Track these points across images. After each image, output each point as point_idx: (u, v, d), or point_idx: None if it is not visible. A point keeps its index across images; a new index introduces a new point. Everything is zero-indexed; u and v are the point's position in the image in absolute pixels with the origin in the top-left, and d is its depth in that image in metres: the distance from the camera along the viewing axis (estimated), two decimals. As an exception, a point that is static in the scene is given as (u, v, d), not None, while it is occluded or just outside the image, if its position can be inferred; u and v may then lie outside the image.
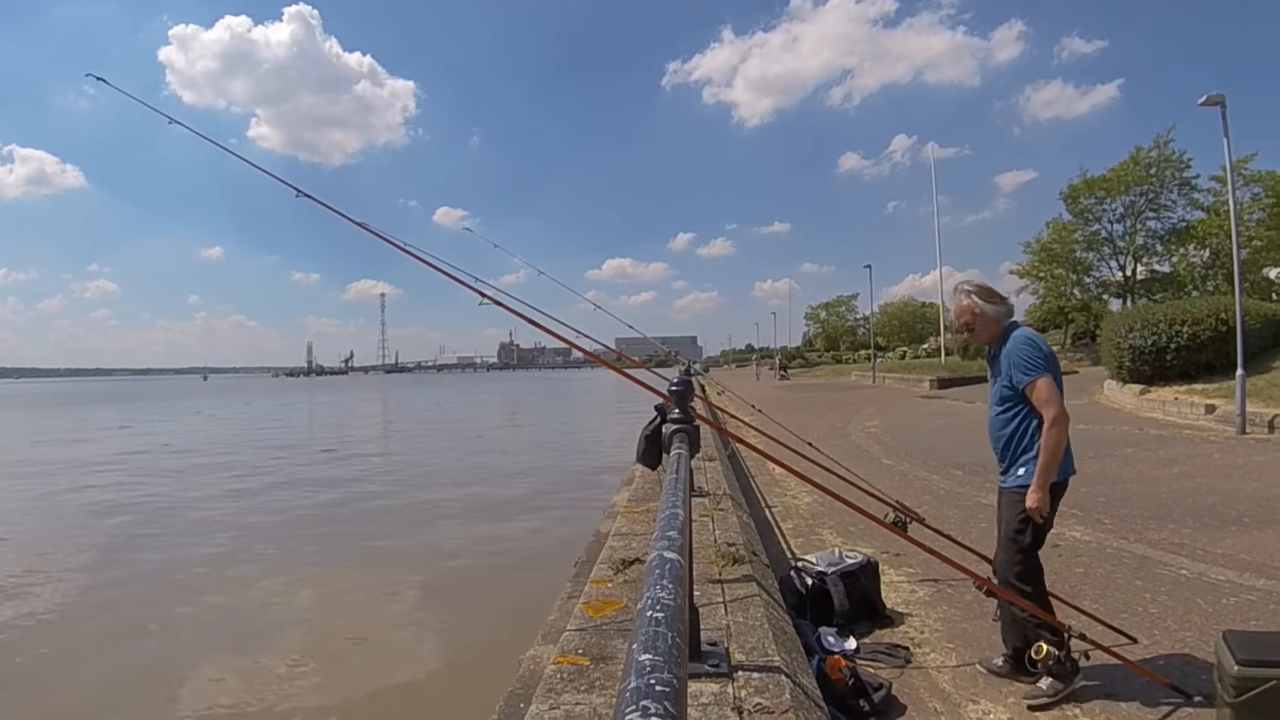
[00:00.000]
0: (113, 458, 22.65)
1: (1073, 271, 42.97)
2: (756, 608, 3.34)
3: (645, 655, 0.85)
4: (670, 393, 3.61)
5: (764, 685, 2.49)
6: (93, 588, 9.13)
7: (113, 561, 10.38)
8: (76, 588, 9.11)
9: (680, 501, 1.90)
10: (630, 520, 5.28)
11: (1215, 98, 13.81)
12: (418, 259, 4.82)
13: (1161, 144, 38.27)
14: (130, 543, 11.43)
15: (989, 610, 4.08)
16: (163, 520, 13.00)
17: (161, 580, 9.43)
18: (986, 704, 3.63)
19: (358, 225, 4.85)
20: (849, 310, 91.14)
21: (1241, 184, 31.68)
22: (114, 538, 11.76)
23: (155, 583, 9.34)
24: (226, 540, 11.45)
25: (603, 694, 2.43)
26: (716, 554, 4.26)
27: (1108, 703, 3.52)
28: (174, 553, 10.74)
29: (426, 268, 4.80)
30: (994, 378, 3.82)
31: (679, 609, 1.06)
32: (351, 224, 4.83)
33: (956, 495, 8.90)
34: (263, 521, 12.81)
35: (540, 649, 3.60)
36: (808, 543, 6.89)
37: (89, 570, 9.93)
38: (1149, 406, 16.87)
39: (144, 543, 11.38)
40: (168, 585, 9.18)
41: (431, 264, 4.83)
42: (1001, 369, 3.72)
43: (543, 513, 12.94)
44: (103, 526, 12.60)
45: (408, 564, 10.02)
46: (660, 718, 0.69)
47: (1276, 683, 2.74)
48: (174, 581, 9.31)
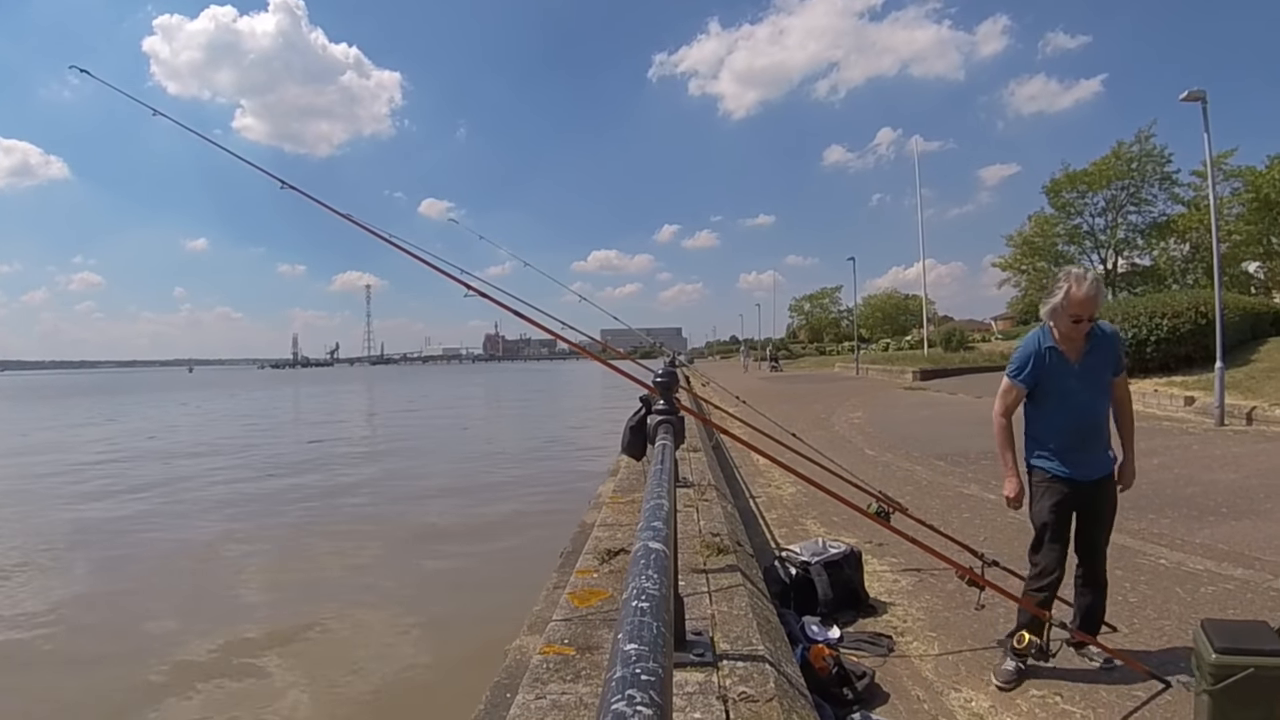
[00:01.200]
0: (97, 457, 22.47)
1: (1054, 264, 43.05)
2: (741, 597, 3.34)
3: (631, 645, 0.85)
4: (655, 384, 3.61)
5: (749, 674, 2.50)
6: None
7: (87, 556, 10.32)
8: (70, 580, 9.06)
9: (665, 492, 1.90)
10: (615, 511, 5.27)
11: (1196, 93, 13.90)
12: (403, 250, 4.79)
13: (1143, 139, 38.54)
14: (114, 535, 11.37)
15: (971, 600, 4.11)
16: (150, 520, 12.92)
17: (145, 568, 9.39)
18: (969, 692, 3.66)
19: (342, 216, 4.82)
20: (833, 302, 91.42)
21: (1221, 179, 31.86)
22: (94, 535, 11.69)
23: (137, 566, 9.30)
24: (207, 525, 11.41)
25: (589, 683, 2.42)
26: (701, 544, 4.26)
27: (1088, 687, 3.56)
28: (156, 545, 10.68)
29: (412, 259, 4.78)
30: (1089, 367, 3.70)
31: (664, 599, 1.06)
32: (336, 215, 4.80)
33: (939, 485, 8.95)
34: (245, 513, 12.76)
35: (526, 639, 3.59)
36: (792, 533, 6.92)
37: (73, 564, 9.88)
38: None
39: (127, 527, 11.33)
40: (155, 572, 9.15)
41: (416, 255, 4.80)
42: (1110, 356, 3.73)
43: (528, 504, 12.92)
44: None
45: (392, 556, 9.99)
46: (646, 706, 0.69)
47: (1253, 670, 2.77)
48: (153, 570, 9.28)
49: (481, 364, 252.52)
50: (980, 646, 4.21)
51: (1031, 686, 3.67)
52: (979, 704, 3.54)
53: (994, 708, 3.50)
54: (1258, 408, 13.18)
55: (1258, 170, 32.25)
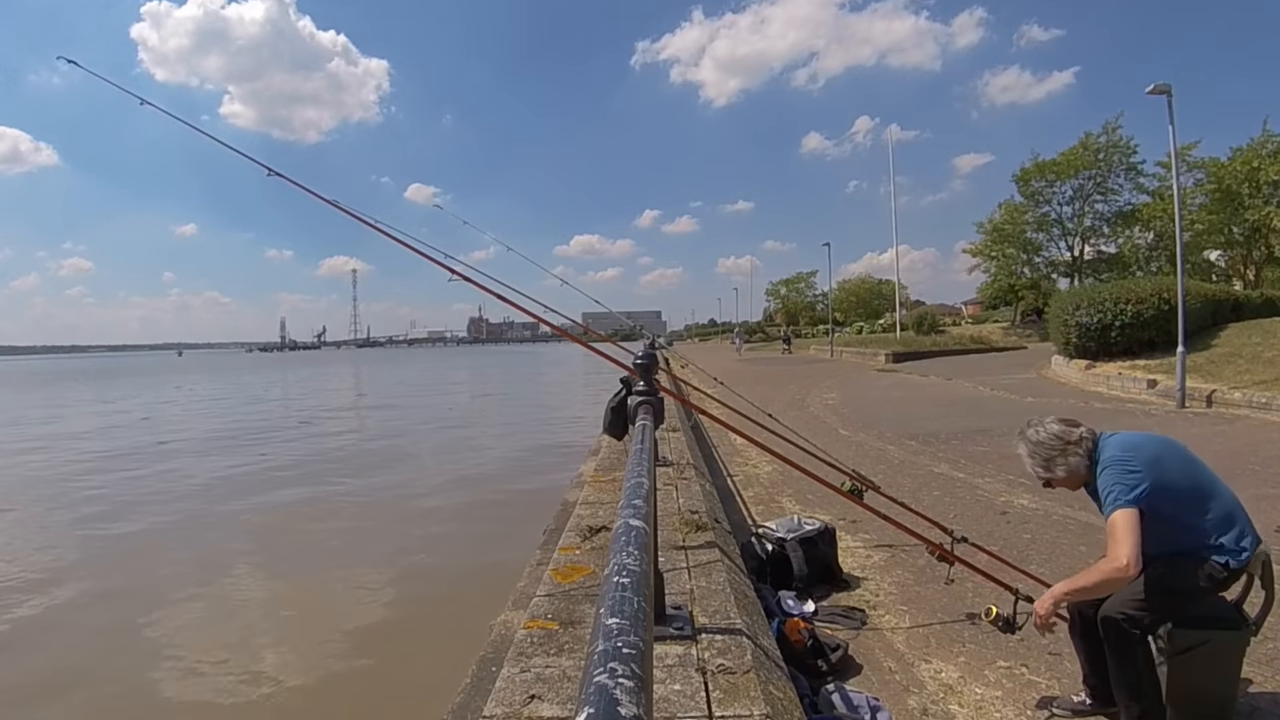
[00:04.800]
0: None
1: (1023, 251, 43.61)
2: (719, 573, 3.36)
3: (612, 619, 0.85)
4: (635, 366, 3.61)
5: (726, 647, 2.51)
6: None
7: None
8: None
9: (645, 471, 1.90)
10: (597, 489, 5.28)
11: (1161, 87, 13.95)
12: (388, 235, 4.75)
13: (1110, 130, 38.99)
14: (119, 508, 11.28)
15: (941, 575, 4.15)
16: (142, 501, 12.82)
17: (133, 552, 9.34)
18: (938, 663, 3.71)
19: (329, 203, 4.78)
20: (808, 286, 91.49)
21: (1185, 170, 32.22)
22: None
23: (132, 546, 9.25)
24: (191, 505, 11.35)
25: (571, 657, 2.43)
26: (680, 521, 4.28)
27: (1053, 659, 3.61)
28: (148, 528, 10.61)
29: (397, 244, 4.74)
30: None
31: (644, 575, 1.06)
32: (323, 202, 4.75)
33: (910, 464, 9.01)
34: (239, 495, 12.68)
35: (510, 614, 3.59)
36: (768, 510, 6.94)
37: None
38: (1094, 381, 17.18)
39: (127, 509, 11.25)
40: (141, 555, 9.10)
41: (401, 241, 4.77)
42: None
43: (511, 482, 12.91)
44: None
45: (378, 533, 9.97)
46: (627, 679, 0.69)
47: (1210, 643, 2.84)
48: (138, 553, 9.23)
49: (465, 346, 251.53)
50: (949, 620, 4.25)
51: (999, 658, 3.72)
52: (948, 675, 3.58)
53: (963, 678, 3.54)
54: (1217, 391, 13.38)
55: (1221, 162, 32.59)
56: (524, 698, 2.17)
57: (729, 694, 2.18)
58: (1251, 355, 15.14)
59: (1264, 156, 31.05)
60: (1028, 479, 7.41)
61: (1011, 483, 7.51)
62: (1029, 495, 7.05)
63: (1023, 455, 3.08)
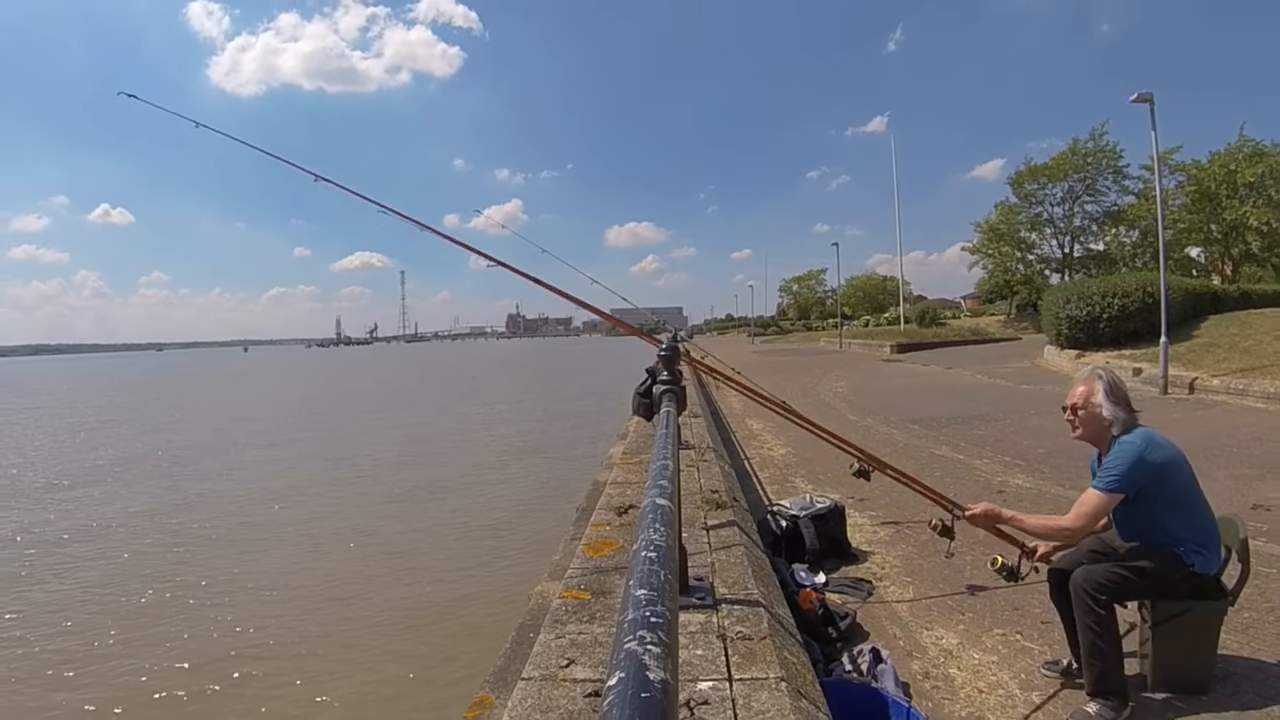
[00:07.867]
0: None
1: (1017, 249, 43.11)
2: (737, 547, 3.35)
3: (641, 590, 0.84)
4: (659, 357, 3.60)
5: (744, 615, 2.50)
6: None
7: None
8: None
9: (670, 454, 1.89)
10: (625, 470, 5.28)
11: (1144, 96, 13.66)
12: (443, 236, 4.77)
13: (1097, 136, 38.44)
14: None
15: (942, 549, 4.10)
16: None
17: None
18: (940, 630, 3.67)
19: (378, 206, 4.72)
20: (819, 283, 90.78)
21: (1167, 173, 31.54)
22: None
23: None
24: (256, 476, 11.50)
25: (603, 624, 2.43)
26: (702, 500, 4.26)
27: (1045, 627, 3.56)
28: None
29: (443, 240, 4.75)
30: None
31: (670, 549, 1.05)
32: (374, 206, 4.71)
33: (914, 447, 8.93)
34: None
35: (547, 585, 3.61)
36: (782, 489, 6.91)
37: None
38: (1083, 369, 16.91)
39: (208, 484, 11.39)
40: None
41: (451, 239, 4.78)
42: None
43: (548, 465, 12.98)
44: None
45: (433, 511, 10.07)
46: (655, 645, 0.68)
47: (1191, 612, 2.83)
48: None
49: (504, 340, 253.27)
50: (950, 591, 4.21)
51: (995, 626, 3.68)
52: (949, 641, 3.55)
53: (962, 644, 3.50)
54: (1198, 378, 13.17)
55: (1201, 165, 32.00)
56: (561, 661, 2.18)
57: (747, 658, 2.17)
58: (1229, 345, 14.90)
59: (1240, 160, 30.45)
60: (1022, 461, 7.37)
61: (1007, 464, 7.42)
62: (1023, 475, 6.97)
63: (1097, 388, 2.94)
